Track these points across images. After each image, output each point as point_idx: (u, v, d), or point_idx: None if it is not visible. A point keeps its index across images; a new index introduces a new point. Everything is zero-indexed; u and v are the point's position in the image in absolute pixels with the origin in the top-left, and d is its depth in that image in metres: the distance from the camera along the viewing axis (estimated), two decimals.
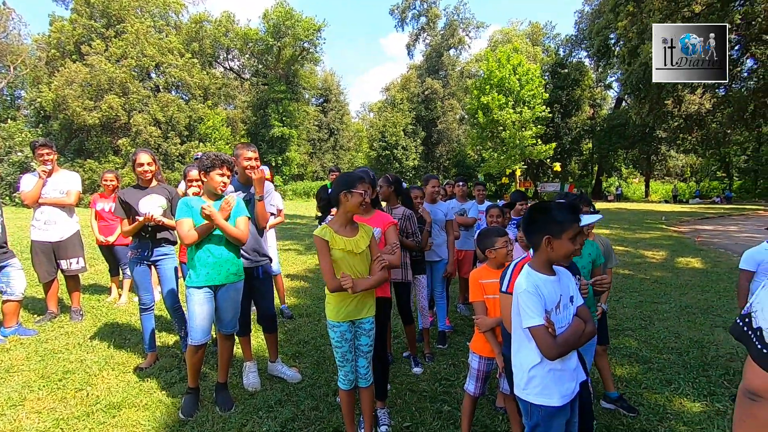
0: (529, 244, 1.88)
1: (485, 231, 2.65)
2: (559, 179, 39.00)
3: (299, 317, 5.16)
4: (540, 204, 1.85)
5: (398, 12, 47.12)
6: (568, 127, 37.69)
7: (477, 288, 2.54)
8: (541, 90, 29.58)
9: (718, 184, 40.89)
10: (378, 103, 49.66)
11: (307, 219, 18.15)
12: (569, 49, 39.58)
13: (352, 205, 2.40)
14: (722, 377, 3.77)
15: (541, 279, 1.79)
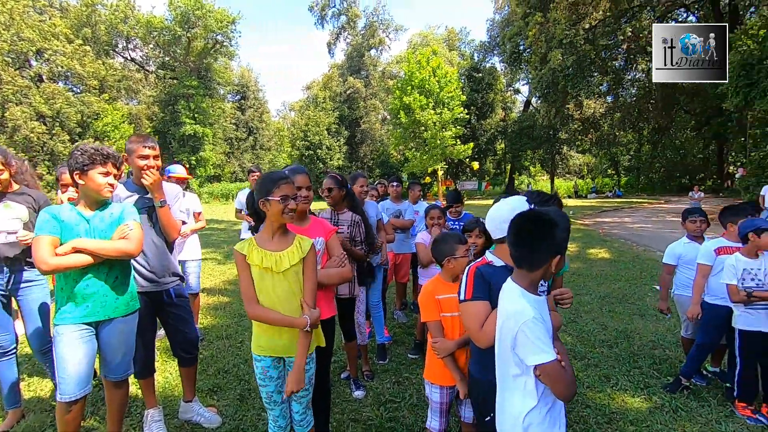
0: (522, 260, 1.54)
1: (443, 237, 2.32)
2: (477, 178, 41.12)
3: (217, 340, 4.48)
4: (540, 216, 1.52)
5: (318, 9, 46.16)
6: (484, 129, 39.76)
7: (432, 305, 2.19)
8: (458, 92, 30.75)
9: (609, 180, 45.95)
10: (300, 102, 48.24)
11: (225, 223, 16.81)
12: (483, 55, 41.78)
13: (273, 214, 1.95)
14: (651, 367, 3.90)
15: (537, 301, 1.49)
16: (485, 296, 1.73)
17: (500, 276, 1.73)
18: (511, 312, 1.48)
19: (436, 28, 46.73)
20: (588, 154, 44.07)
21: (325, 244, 2.47)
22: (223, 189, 34.86)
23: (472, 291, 1.76)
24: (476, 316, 1.72)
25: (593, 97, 22.77)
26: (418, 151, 30.34)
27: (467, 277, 1.82)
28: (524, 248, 1.51)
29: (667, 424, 3.01)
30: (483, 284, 1.76)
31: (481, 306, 1.72)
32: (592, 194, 38.18)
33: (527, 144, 37.13)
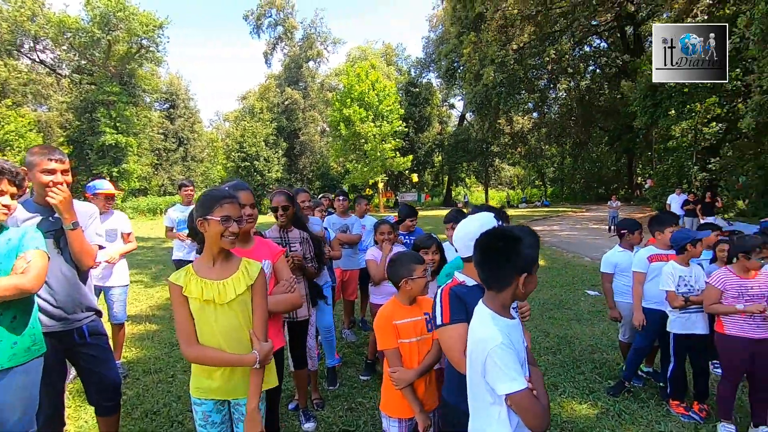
0: (489, 281, 1.46)
1: (400, 257, 2.19)
2: (416, 189, 42.04)
3: (144, 375, 3.98)
4: (503, 233, 1.45)
5: (253, 18, 45.04)
6: (422, 142, 40.87)
7: (389, 331, 2.03)
8: (397, 106, 31.45)
9: (537, 191, 49.17)
10: (235, 112, 46.42)
11: (152, 241, 15.51)
12: (419, 71, 43.18)
13: (211, 236, 1.70)
14: (593, 371, 4.06)
15: (507, 325, 1.40)
16: (464, 318, 1.63)
17: (475, 296, 1.65)
18: (478, 338, 1.41)
19: (374, 43, 47.61)
20: (518, 166, 46.97)
21: (273, 267, 2.26)
22: (150, 203, 32.34)
23: (450, 313, 1.66)
24: (457, 341, 1.60)
25: (522, 113, 24.36)
26: (359, 163, 30.45)
27: (441, 299, 1.71)
28: (489, 268, 1.45)
29: (614, 429, 3.11)
30: (459, 305, 1.66)
31: (461, 329, 1.61)
32: (523, 204, 40.53)
33: (463, 156, 38.69)
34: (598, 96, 25.12)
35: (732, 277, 2.96)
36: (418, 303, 2.12)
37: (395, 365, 2.00)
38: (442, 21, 36.72)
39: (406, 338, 2.03)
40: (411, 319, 2.06)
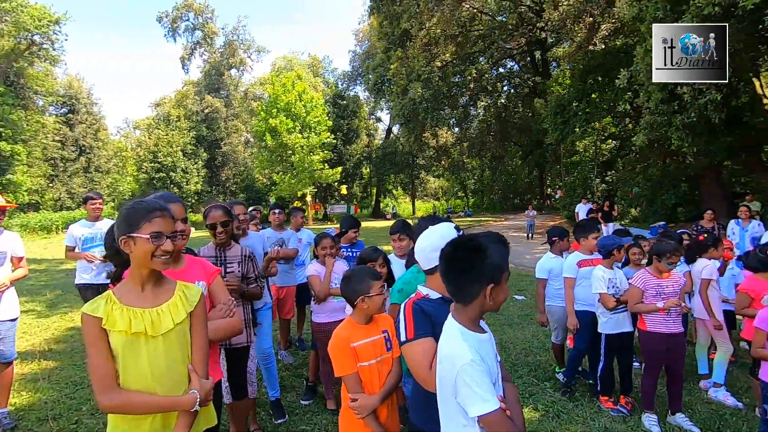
0: (456, 294, 1.39)
1: (355, 273, 2.05)
2: (345, 201, 41.97)
3: (38, 424, 3.35)
4: (467, 243, 1.38)
5: (168, 21, 42.21)
6: (350, 154, 41.01)
7: (347, 355, 1.87)
8: (325, 117, 31.28)
9: (460, 202, 51.69)
10: (147, 120, 42.79)
11: (46, 263, 13.57)
12: (347, 84, 43.47)
13: (139, 257, 1.44)
14: (530, 374, 4.22)
15: (478, 340, 1.32)
16: (429, 332, 1.54)
17: (440, 309, 1.58)
18: (446, 355, 1.33)
19: (300, 54, 47.10)
20: (442, 178, 49.05)
21: (207, 289, 1.99)
22: (43, 220, 28.42)
23: (414, 329, 1.55)
24: (423, 357, 1.50)
25: (446, 127, 25.55)
26: (286, 175, 29.65)
27: (404, 314, 1.61)
28: (455, 280, 1.38)
29: (555, 429, 3.22)
30: (424, 319, 1.57)
31: (426, 344, 1.52)
32: (447, 214, 42.33)
33: (390, 169, 39.49)
34: (513, 114, 27.26)
35: (650, 278, 3.24)
36: (375, 321, 2.00)
37: (356, 391, 1.85)
38: (368, 36, 37.48)
39: (365, 361, 1.89)
40: (370, 339, 1.92)
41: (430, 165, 40.95)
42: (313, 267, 3.24)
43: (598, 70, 13.94)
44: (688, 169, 13.49)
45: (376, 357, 1.91)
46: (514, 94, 27.28)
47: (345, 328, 1.97)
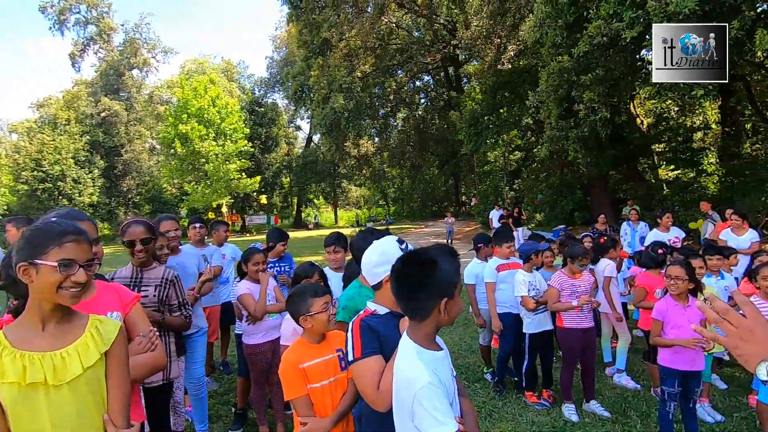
0: (409, 311, 1.35)
1: (297, 290, 1.95)
2: (265, 212, 40.42)
3: None
4: (417, 257, 1.36)
5: (54, 12, 37.39)
6: (269, 163, 39.69)
7: (295, 377, 1.77)
8: (241, 125, 29.94)
9: (381, 210, 52.61)
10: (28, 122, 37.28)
11: None
12: (264, 90, 42.10)
13: (42, 289, 1.21)
14: (460, 376, 4.34)
15: (435, 359, 1.30)
16: (376, 350, 1.50)
17: (388, 324, 1.55)
18: (403, 378, 1.29)
19: (212, 57, 44.61)
20: (363, 187, 49.57)
21: (123, 320, 1.75)
22: None
23: (361, 347, 1.50)
24: (370, 376, 1.46)
25: (367, 137, 25.92)
26: (199, 185, 27.74)
27: (352, 332, 1.55)
28: (407, 297, 1.35)
29: (489, 428, 3.36)
30: (371, 337, 1.52)
31: (373, 362, 1.47)
32: (370, 223, 42.80)
33: (312, 178, 38.94)
34: (430, 125, 28.53)
35: (565, 278, 3.55)
36: (328, 340, 1.92)
37: (305, 415, 1.75)
38: (286, 43, 36.78)
39: (316, 382, 1.80)
40: (321, 359, 1.84)
41: (352, 174, 41.14)
42: (244, 285, 3.02)
43: (506, 87, 15.18)
44: (582, 178, 15.19)
45: (328, 377, 1.83)
46: (431, 106, 28.62)
47: (294, 349, 1.87)
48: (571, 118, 10.15)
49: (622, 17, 7.21)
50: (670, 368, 2.82)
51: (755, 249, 5.22)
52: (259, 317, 2.93)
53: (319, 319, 1.86)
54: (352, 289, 2.18)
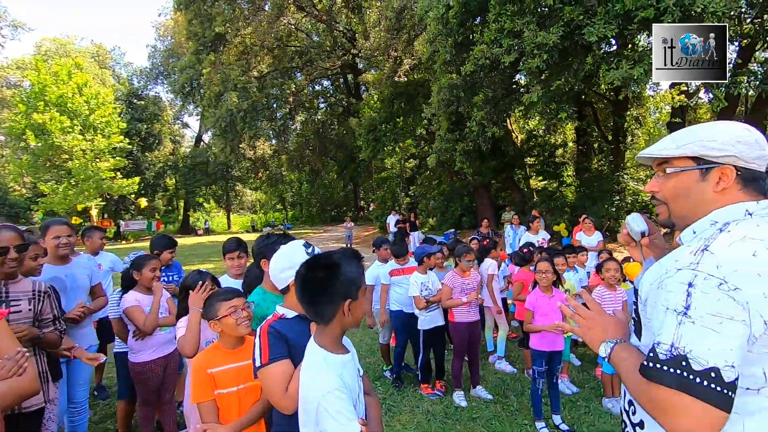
0: (315, 314, 1.37)
1: (211, 295, 1.88)
2: (145, 216, 36.36)
3: None
4: (319, 261, 1.39)
5: None
6: (151, 162, 35.87)
7: (202, 382, 1.71)
8: (116, 118, 26.55)
9: (279, 215, 51.03)
10: None
11: None
12: (145, 81, 37.94)
13: None
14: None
15: (342, 363, 1.34)
16: (284, 354, 1.51)
17: (296, 327, 1.57)
18: (308, 383, 1.32)
19: (78, 39, 38.83)
20: (260, 191, 47.58)
21: None
22: None
23: (269, 352, 1.50)
24: (279, 381, 1.47)
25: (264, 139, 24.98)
26: (61, 185, 23.86)
27: (260, 338, 1.54)
28: (312, 301, 1.37)
29: (390, 422, 3.53)
30: (279, 341, 1.53)
31: (281, 367, 1.48)
32: (268, 228, 41.21)
33: (201, 180, 36.14)
34: (330, 130, 28.60)
35: (457, 277, 3.91)
36: (245, 346, 1.86)
37: (209, 421, 1.70)
38: (172, 32, 33.68)
39: (223, 388, 1.75)
40: (233, 365, 1.79)
41: (247, 177, 39.21)
42: (133, 296, 2.73)
43: (402, 97, 15.99)
44: (469, 186, 16.67)
45: (239, 384, 1.78)
46: (331, 111, 28.74)
47: (205, 354, 1.82)
48: (458, 131, 11.13)
49: (502, 44, 8.17)
50: (538, 350, 3.31)
51: (601, 247, 6.33)
52: (149, 332, 2.68)
53: (227, 323, 1.81)
54: (256, 295, 2.16)
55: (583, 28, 7.34)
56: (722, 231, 0.99)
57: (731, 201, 1.04)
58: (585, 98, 13.91)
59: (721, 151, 1.03)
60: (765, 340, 0.90)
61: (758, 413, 0.93)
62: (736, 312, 0.88)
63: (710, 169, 1.06)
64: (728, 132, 1.04)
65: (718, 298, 0.89)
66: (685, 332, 0.90)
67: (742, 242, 0.94)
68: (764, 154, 1.02)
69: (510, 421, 3.49)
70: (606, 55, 8.17)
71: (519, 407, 3.74)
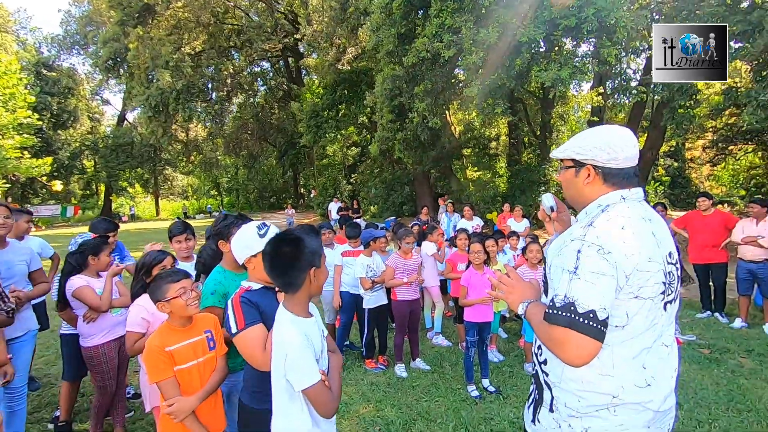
0: (284, 284, 1.56)
1: (156, 279, 1.94)
2: (59, 200, 33.04)
3: None
4: (286, 237, 1.57)
5: None
6: (66, 141, 32.50)
7: (161, 360, 1.80)
8: (23, 90, 23.69)
9: (213, 201, 48.69)
10: None
11: None
12: (57, 51, 34.02)
13: None
14: None
15: (307, 324, 1.55)
16: (258, 319, 1.70)
17: (264, 296, 1.76)
18: (278, 341, 1.52)
19: None
20: (192, 175, 45.04)
21: None
22: None
23: (244, 318, 1.68)
24: (256, 343, 1.66)
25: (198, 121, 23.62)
26: None
27: (233, 308, 1.71)
28: (281, 273, 1.56)
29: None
30: (251, 309, 1.71)
31: (257, 331, 1.67)
32: (201, 215, 39.25)
33: (126, 162, 33.45)
34: (270, 114, 27.70)
35: (399, 259, 4.21)
36: (195, 322, 1.97)
37: (172, 396, 1.80)
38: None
39: (183, 363, 1.86)
40: (188, 341, 1.89)
41: (178, 160, 36.92)
42: (80, 279, 2.68)
43: (345, 85, 15.98)
44: (409, 175, 17.18)
45: (196, 358, 1.91)
46: (271, 95, 27.80)
47: (160, 333, 1.89)
48: (399, 121, 11.45)
49: (442, 39, 8.55)
50: (471, 322, 3.72)
51: (527, 233, 7.00)
52: (105, 309, 2.66)
53: (175, 304, 1.89)
54: (217, 273, 2.27)
55: (515, 30, 7.91)
56: (603, 212, 1.33)
57: (597, 192, 1.38)
58: (516, 95, 14.87)
59: (583, 156, 1.38)
60: (627, 289, 1.24)
61: (623, 343, 1.28)
62: (608, 269, 1.21)
63: (580, 168, 1.40)
64: (590, 140, 1.38)
65: (597, 260, 1.22)
66: (574, 286, 1.23)
67: (615, 219, 1.28)
68: (615, 157, 1.35)
69: (445, 387, 3.88)
70: (535, 55, 8.87)
71: (453, 375, 4.15)
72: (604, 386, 1.26)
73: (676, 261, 1.36)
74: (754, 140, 12.57)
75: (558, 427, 1.33)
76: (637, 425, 1.26)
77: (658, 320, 1.29)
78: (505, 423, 3.24)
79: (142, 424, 3.29)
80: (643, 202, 1.39)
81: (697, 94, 9.70)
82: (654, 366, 1.28)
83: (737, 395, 3.54)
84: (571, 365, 1.24)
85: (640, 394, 1.26)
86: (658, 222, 1.34)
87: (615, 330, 1.26)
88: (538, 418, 1.41)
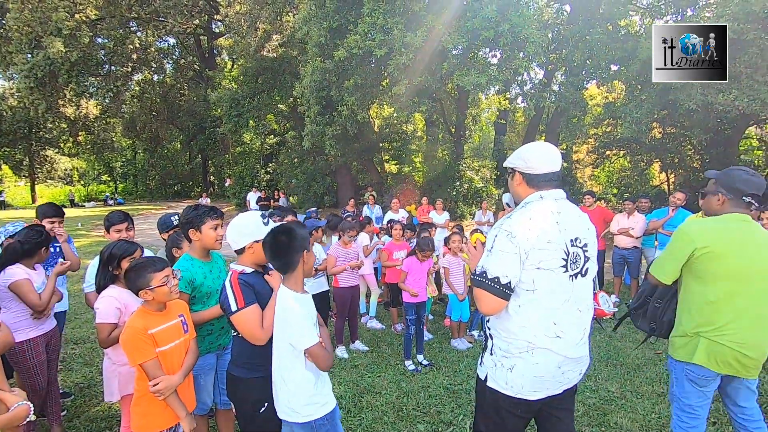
0: (284, 266, 1.83)
1: (135, 265, 1.99)
2: None
3: None
4: (282, 229, 1.85)
5: None
6: None
7: (144, 342, 1.91)
8: None
9: (105, 187, 43.53)
10: None
11: None
12: None
13: None
14: None
15: (304, 299, 1.83)
16: (254, 300, 1.92)
17: (257, 279, 2.00)
18: (283, 309, 1.81)
19: None
20: (78, 158, 39.75)
21: None
22: None
23: (243, 298, 1.89)
24: (255, 320, 1.88)
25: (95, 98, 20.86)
26: None
27: (232, 287, 1.91)
28: (282, 258, 1.84)
29: None
30: (249, 290, 1.92)
31: (256, 309, 1.90)
32: (91, 202, 34.98)
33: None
34: (180, 95, 25.53)
35: (340, 248, 4.47)
36: (168, 307, 2.08)
37: (157, 375, 1.93)
38: None
39: (165, 345, 1.98)
40: (167, 324, 2.01)
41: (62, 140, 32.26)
42: (20, 270, 2.50)
43: (267, 72, 15.48)
44: (331, 166, 17.29)
45: (175, 340, 2.03)
46: (180, 75, 25.61)
47: (140, 317, 1.97)
48: (327, 114, 11.54)
49: (374, 38, 8.86)
50: (409, 303, 4.14)
51: (448, 224, 7.68)
52: (42, 309, 2.51)
53: (160, 291, 1.98)
54: (185, 261, 2.39)
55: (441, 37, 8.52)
56: (523, 207, 1.77)
57: (525, 192, 1.82)
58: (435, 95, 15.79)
59: (513, 165, 1.84)
60: (528, 262, 1.65)
61: (533, 302, 1.69)
62: (511, 249, 1.64)
63: (513, 174, 1.85)
64: (517, 154, 1.83)
65: (504, 241, 1.66)
66: (488, 260, 1.69)
67: (527, 213, 1.71)
68: (531, 166, 1.78)
69: (385, 364, 4.26)
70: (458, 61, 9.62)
71: (390, 353, 4.55)
72: (522, 334, 1.68)
73: (584, 245, 1.77)
74: (624, 147, 14.99)
75: (494, 366, 1.76)
76: (549, 365, 1.69)
77: (564, 288, 1.70)
78: (440, 389, 3.72)
79: (81, 421, 3.16)
80: (561, 200, 1.80)
81: (586, 107, 11.32)
82: (564, 323, 1.70)
83: (613, 354, 4.46)
84: (486, 315, 1.74)
85: (550, 343, 1.68)
86: (567, 215, 1.75)
87: (526, 293, 1.68)
88: (483, 360, 1.84)
